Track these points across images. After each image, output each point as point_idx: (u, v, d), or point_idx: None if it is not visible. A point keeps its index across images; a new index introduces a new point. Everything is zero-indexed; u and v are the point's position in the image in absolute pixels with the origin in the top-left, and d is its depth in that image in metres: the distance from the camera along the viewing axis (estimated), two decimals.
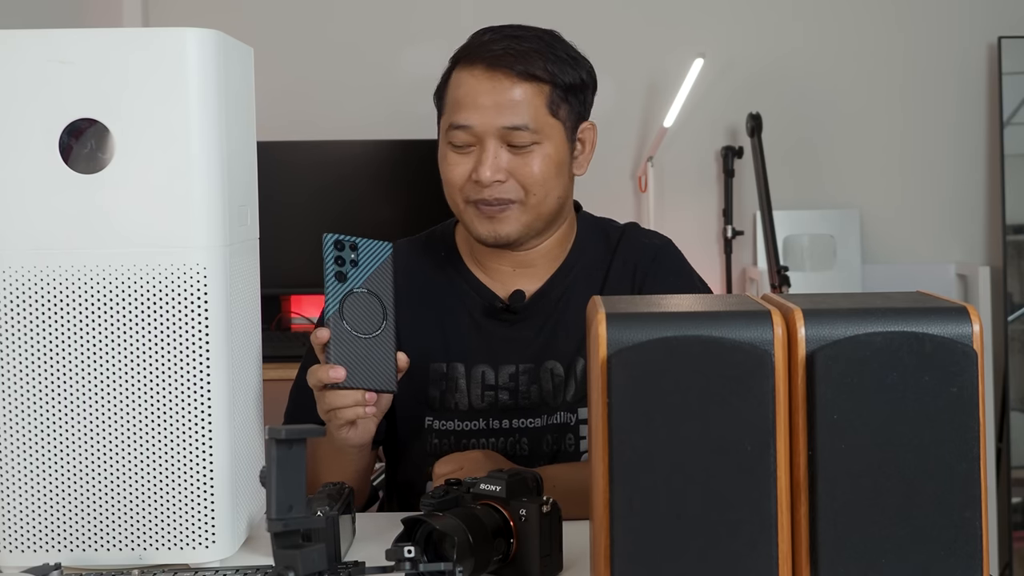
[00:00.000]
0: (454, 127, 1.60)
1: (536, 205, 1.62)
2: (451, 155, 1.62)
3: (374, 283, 1.41)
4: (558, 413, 1.66)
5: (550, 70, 1.61)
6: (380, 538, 1.35)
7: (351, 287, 1.39)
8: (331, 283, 1.38)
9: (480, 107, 1.59)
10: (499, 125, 1.59)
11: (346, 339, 1.39)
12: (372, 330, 1.40)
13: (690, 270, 1.74)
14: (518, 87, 1.60)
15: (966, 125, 3.44)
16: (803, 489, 0.98)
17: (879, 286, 3.37)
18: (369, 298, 1.40)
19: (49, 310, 1.26)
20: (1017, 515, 3.30)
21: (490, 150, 1.59)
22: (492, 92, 1.59)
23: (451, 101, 1.63)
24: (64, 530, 1.28)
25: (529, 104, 1.60)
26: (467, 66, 1.62)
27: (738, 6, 3.44)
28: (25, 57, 1.25)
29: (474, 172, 1.60)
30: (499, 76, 1.60)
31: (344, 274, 1.39)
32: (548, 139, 1.61)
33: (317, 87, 3.43)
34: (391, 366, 1.42)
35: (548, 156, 1.61)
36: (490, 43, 1.62)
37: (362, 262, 1.40)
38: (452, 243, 1.74)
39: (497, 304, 1.68)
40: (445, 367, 1.67)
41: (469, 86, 1.61)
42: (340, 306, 1.38)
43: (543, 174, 1.61)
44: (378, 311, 1.41)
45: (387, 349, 1.42)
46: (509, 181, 1.60)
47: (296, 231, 3.04)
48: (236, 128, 1.33)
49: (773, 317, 0.99)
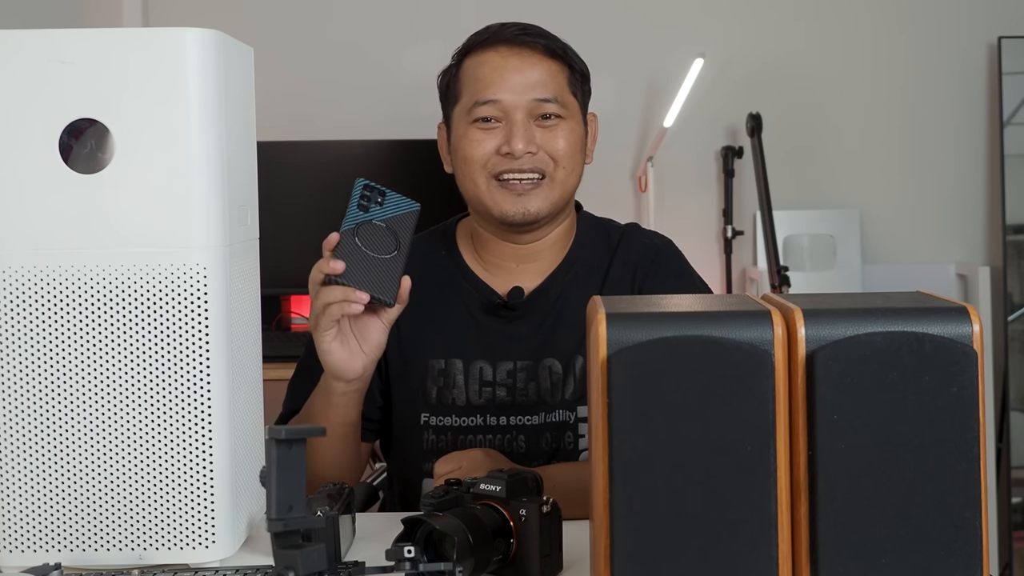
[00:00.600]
0: (481, 103, 1.62)
1: (563, 180, 1.64)
2: (475, 132, 1.63)
3: (394, 223, 1.41)
4: (557, 411, 1.66)
5: (568, 53, 1.66)
6: (380, 538, 1.35)
7: (371, 218, 1.39)
8: (352, 211, 1.39)
9: (508, 81, 1.61)
10: (529, 98, 1.61)
11: (354, 252, 1.39)
12: (383, 253, 1.40)
13: (690, 270, 1.74)
14: (545, 62, 1.63)
15: (966, 125, 3.44)
16: (803, 489, 0.98)
17: (879, 286, 3.37)
18: (386, 232, 1.40)
19: (49, 310, 1.26)
20: (1017, 515, 3.30)
21: (520, 123, 1.61)
22: (520, 67, 1.62)
23: (472, 80, 1.64)
24: (64, 530, 1.28)
25: (555, 79, 1.63)
26: (486, 48, 1.64)
27: (738, 6, 3.44)
28: (25, 57, 1.25)
29: (504, 145, 1.61)
30: (526, 51, 1.63)
31: (367, 207, 1.39)
32: (571, 116, 1.65)
33: (317, 87, 3.43)
34: (394, 283, 1.41)
35: (573, 131, 1.65)
36: (502, 29, 1.65)
37: (387, 206, 1.40)
38: (453, 240, 1.74)
39: (496, 300, 1.68)
40: (443, 363, 1.67)
41: (494, 63, 1.63)
42: (356, 227, 1.39)
43: (570, 147, 1.64)
44: (392, 243, 1.40)
45: (394, 269, 1.41)
46: (540, 153, 1.62)
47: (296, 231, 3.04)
48: (236, 128, 1.33)
49: (773, 317, 0.99)
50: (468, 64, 1.66)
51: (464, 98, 1.65)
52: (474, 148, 1.63)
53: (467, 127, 1.64)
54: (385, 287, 1.41)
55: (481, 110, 1.62)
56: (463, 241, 1.74)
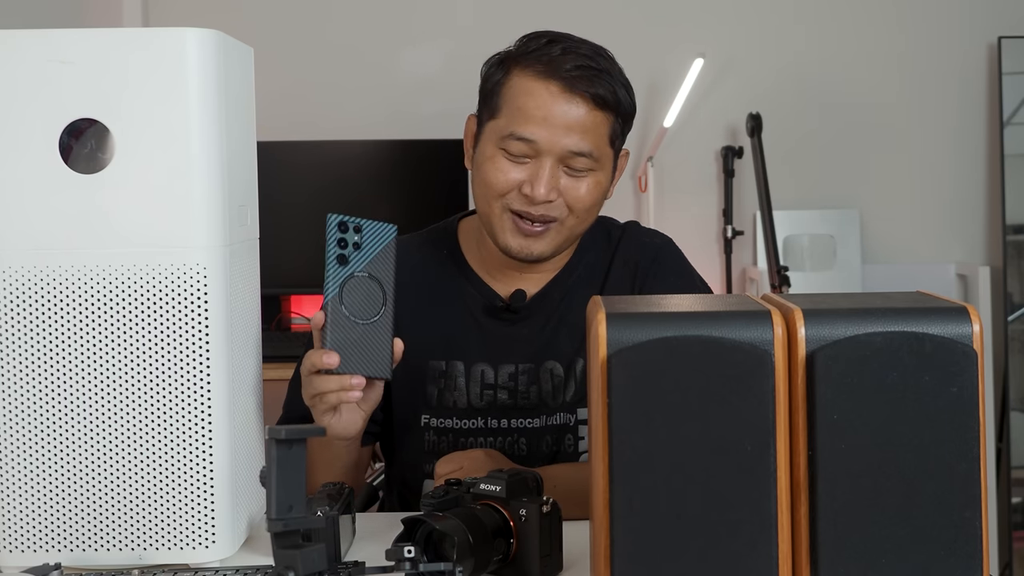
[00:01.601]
0: (516, 137, 1.56)
1: (573, 227, 1.61)
2: (502, 161, 1.58)
3: (376, 267, 1.39)
4: (557, 414, 1.66)
5: (620, 97, 1.59)
6: (380, 538, 1.35)
7: (352, 271, 1.37)
8: (332, 266, 1.37)
9: (550, 125, 1.55)
10: (565, 147, 1.56)
11: (343, 324, 1.37)
12: (370, 315, 1.38)
13: (691, 270, 1.74)
14: (590, 114, 1.57)
15: (966, 125, 3.44)
16: (803, 489, 0.98)
17: (879, 286, 3.37)
18: (370, 282, 1.38)
19: (49, 310, 1.26)
20: (1017, 515, 3.30)
21: (548, 168, 1.56)
22: (566, 114, 1.56)
23: (515, 108, 1.58)
24: (64, 530, 1.28)
25: (596, 132, 1.58)
26: (539, 77, 1.57)
27: (738, 6, 3.44)
28: (25, 57, 1.25)
29: (526, 185, 1.57)
30: (576, 99, 1.56)
31: (346, 257, 1.37)
32: (602, 168, 1.61)
33: (317, 87, 3.43)
34: (387, 353, 1.40)
35: (599, 183, 1.61)
36: (562, 59, 1.56)
37: (365, 244, 1.38)
38: (455, 241, 1.73)
39: (498, 303, 1.67)
40: (444, 365, 1.67)
41: (542, 100, 1.56)
42: (340, 290, 1.37)
43: (591, 199, 1.60)
44: (378, 296, 1.39)
45: (384, 335, 1.40)
46: (558, 200, 1.58)
47: (296, 231, 3.04)
48: (236, 128, 1.33)
49: (773, 317, 0.99)
50: (516, 82, 1.58)
51: (502, 119, 1.59)
52: (497, 176, 1.58)
53: (496, 150, 1.59)
54: (378, 362, 1.39)
55: (515, 145, 1.57)
56: (466, 242, 1.73)
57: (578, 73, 1.56)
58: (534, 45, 1.60)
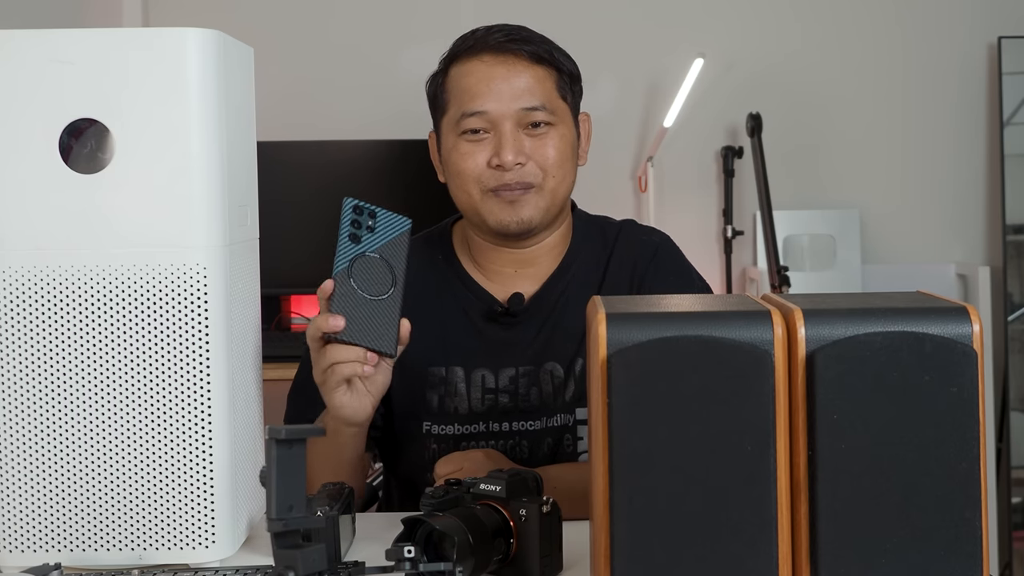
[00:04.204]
0: (468, 115, 1.59)
1: (553, 189, 1.62)
2: (464, 145, 1.61)
3: (388, 251, 1.38)
4: (557, 415, 1.65)
5: (556, 56, 1.63)
6: (380, 538, 1.35)
7: (364, 250, 1.37)
8: (344, 243, 1.35)
9: (495, 91, 1.59)
10: (517, 107, 1.59)
11: (350, 296, 1.36)
12: (379, 293, 1.37)
13: (689, 267, 1.73)
14: (531, 69, 1.61)
15: (966, 125, 3.44)
16: (803, 489, 0.98)
17: (879, 286, 3.37)
18: (380, 264, 1.37)
19: (49, 310, 1.26)
20: (1017, 515, 3.30)
21: (508, 133, 1.59)
22: (506, 76, 1.60)
23: (459, 91, 1.62)
24: (64, 530, 1.27)
25: (542, 86, 1.61)
26: (471, 56, 1.62)
27: (738, 6, 3.44)
28: (25, 57, 1.25)
29: (494, 157, 1.59)
30: (511, 59, 1.60)
31: (359, 236, 1.36)
32: (561, 122, 1.63)
33: (317, 87, 3.43)
34: (393, 329, 1.38)
35: (563, 137, 1.63)
36: (488, 35, 1.62)
37: (379, 230, 1.38)
38: (450, 246, 1.73)
39: (497, 308, 1.67)
40: (444, 371, 1.66)
41: (480, 72, 1.60)
42: (350, 265, 1.36)
43: (560, 156, 1.62)
44: (387, 277, 1.38)
45: (391, 313, 1.38)
46: (529, 164, 1.60)
47: (296, 231, 3.04)
48: (236, 128, 1.33)
49: (773, 317, 0.99)
50: (454, 73, 1.63)
51: (451, 109, 1.63)
52: (465, 161, 1.61)
53: (456, 139, 1.62)
54: (385, 337, 1.37)
55: (469, 122, 1.59)
56: (460, 246, 1.72)
57: (506, 39, 1.61)
58: (461, 38, 1.66)
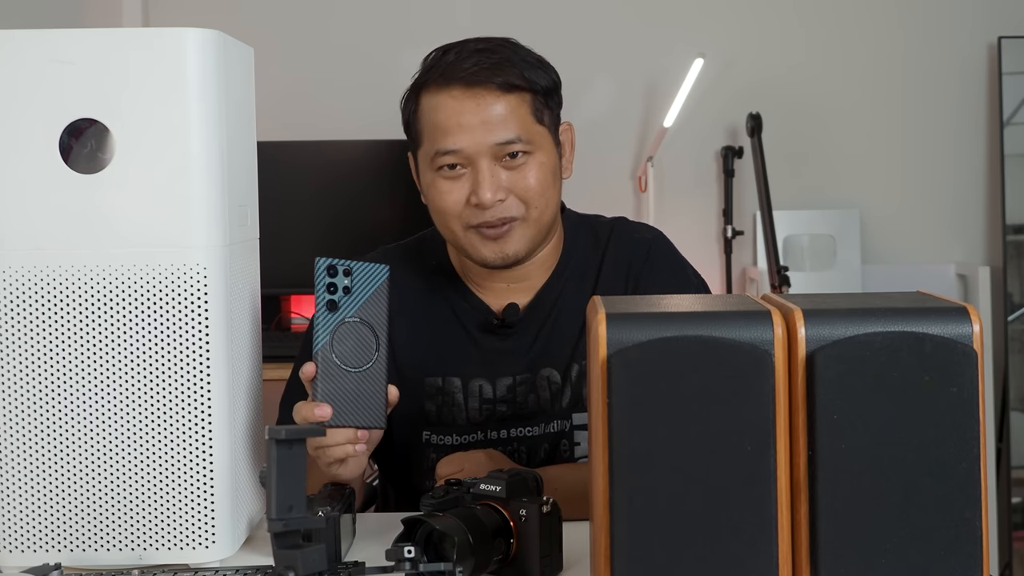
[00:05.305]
0: (442, 153, 1.54)
1: (537, 218, 1.58)
2: (441, 182, 1.56)
3: (367, 311, 1.34)
4: (554, 420, 1.64)
5: (527, 77, 1.56)
6: (380, 538, 1.35)
7: (342, 316, 1.32)
8: (322, 312, 1.31)
9: (467, 127, 1.53)
10: (491, 142, 1.53)
11: (335, 374, 1.32)
12: (362, 363, 1.34)
13: (684, 262, 1.71)
14: (502, 100, 1.54)
15: (966, 125, 3.44)
16: (803, 489, 0.98)
17: (879, 286, 3.37)
18: (361, 328, 1.33)
19: (49, 310, 1.26)
20: (1017, 515, 3.30)
21: (485, 170, 1.54)
22: (477, 110, 1.53)
23: (431, 127, 1.56)
24: (64, 530, 1.28)
25: (515, 115, 1.55)
26: (441, 88, 1.56)
27: (738, 6, 3.44)
28: (25, 57, 1.25)
29: (472, 195, 1.54)
30: (480, 92, 1.54)
31: (336, 303, 1.32)
32: (539, 148, 1.57)
33: (317, 87, 3.43)
34: (381, 401, 1.35)
35: (543, 165, 1.57)
36: (457, 61, 1.55)
37: (356, 288, 1.33)
38: (444, 254, 1.70)
39: (493, 320, 1.65)
40: (441, 381, 1.65)
41: (450, 108, 1.54)
42: (330, 338, 1.31)
43: (541, 184, 1.57)
44: (370, 342, 1.34)
45: (378, 383, 1.35)
46: (509, 198, 1.55)
47: (296, 231, 3.04)
48: (236, 128, 1.33)
49: (773, 317, 0.99)
50: (425, 105, 1.58)
51: (425, 144, 1.58)
52: (444, 200, 1.56)
53: (433, 176, 1.57)
54: (373, 412, 1.35)
55: (443, 159, 1.54)
56: (453, 254, 1.69)
57: (475, 68, 1.54)
58: (431, 62, 1.60)
